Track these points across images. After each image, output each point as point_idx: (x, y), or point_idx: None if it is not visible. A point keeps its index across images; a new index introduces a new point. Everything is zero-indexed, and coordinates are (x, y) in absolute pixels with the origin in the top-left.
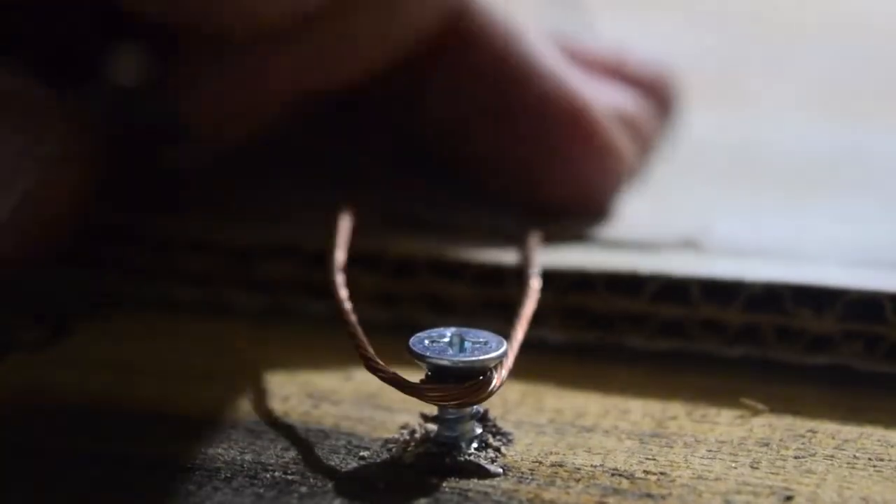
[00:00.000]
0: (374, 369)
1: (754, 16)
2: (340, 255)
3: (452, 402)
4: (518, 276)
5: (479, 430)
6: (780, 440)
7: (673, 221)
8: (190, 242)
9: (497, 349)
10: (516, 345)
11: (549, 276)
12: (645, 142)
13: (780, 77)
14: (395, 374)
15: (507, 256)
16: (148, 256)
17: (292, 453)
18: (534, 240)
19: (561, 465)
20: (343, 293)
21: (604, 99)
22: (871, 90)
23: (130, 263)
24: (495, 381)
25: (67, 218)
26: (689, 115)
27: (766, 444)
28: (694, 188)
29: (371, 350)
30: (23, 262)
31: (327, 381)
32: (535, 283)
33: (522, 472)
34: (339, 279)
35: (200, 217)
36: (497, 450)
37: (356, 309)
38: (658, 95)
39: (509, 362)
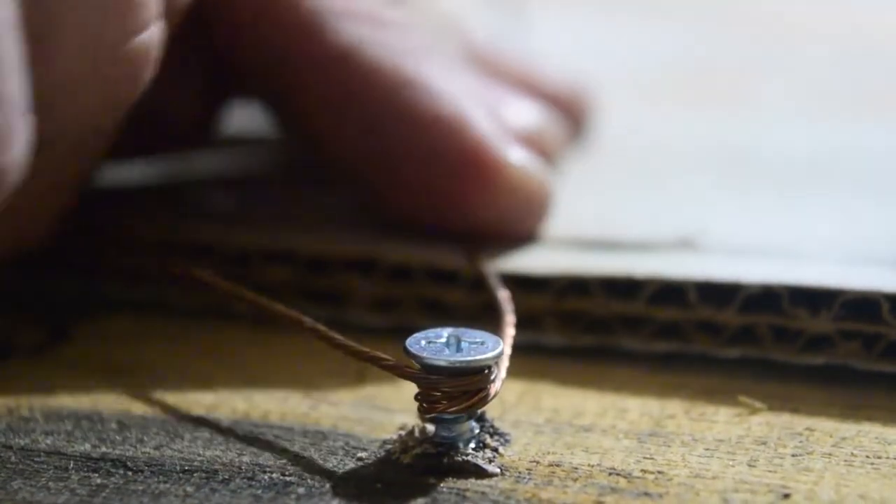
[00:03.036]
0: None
1: (752, 15)
2: None
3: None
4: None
5: (476, 431)
6: (778, 438)
7: (669, 222)
8: (188, 247)
9: (494, 349)
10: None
11: (546, 281)
12: (550, 157)
13: (777, 76)
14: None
15: (503, 257)
16: (146, 260)
17: (290, 454)
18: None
19: (558, 465)
20: None
21: (506, 115)
22: (868, 89)
23: (129, 267)
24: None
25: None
26: (685, 116)
27: (764, 443)
28: (690, 188)
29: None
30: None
31: (325, 382)
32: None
33: (520, 472)
34: None
35: (199, 222)
36: (495, 450)
37: (353, 314)
38: (570, 109)
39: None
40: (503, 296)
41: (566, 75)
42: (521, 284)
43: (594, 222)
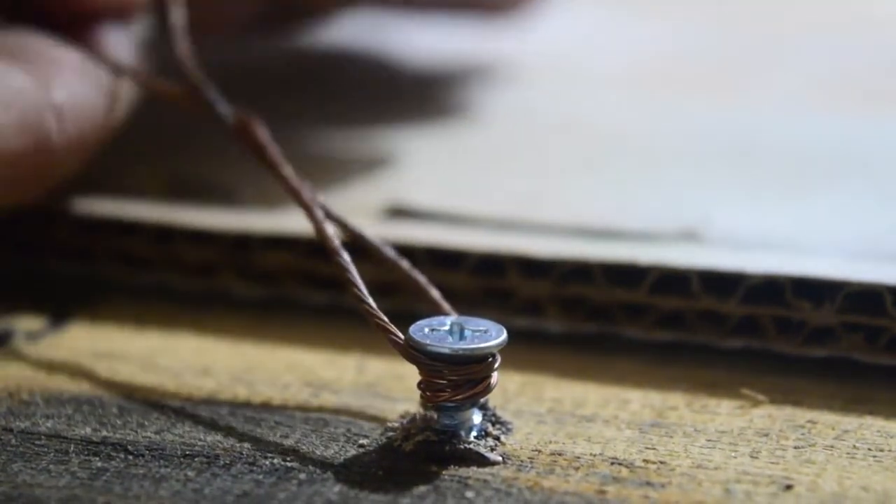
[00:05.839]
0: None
1: (756, 6)
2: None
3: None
4: (519, 265)
5: (478, 419)
6: (780, 430)
7: (673, 212)
8: (188, 232)
9: (497, 337)
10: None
11: (548, 265)
12: None
13: (782, 69)
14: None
15: (505, 243)
16: (147, 246)
17: (292, 441)
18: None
19: (560, 454)
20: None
21: None
22: (872, 82)
23: (129, 253)
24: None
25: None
26: (690, 106)
27: (766, 435)
28: (694, 179)
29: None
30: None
31: (327, 370)
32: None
33: (522, 461)
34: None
35: (199, 206)
36: (497, 438)
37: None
38: None
39: None
40: (418, 273)
41: None
42: (523, 268)
43: (597, 212)
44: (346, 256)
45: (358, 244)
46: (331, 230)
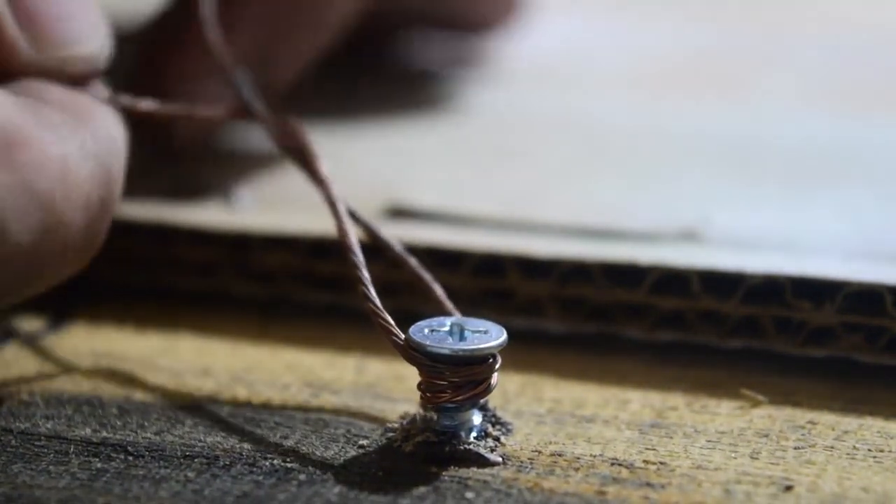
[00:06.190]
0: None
1: (757, 5)
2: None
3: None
4: (518, 265)
5: (478, 420)
6: (780, 431)
7: (673, 212)
8: (188, 232)
9: (497, 338)
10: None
11: (548, 265)
12: None
13: (781, 69)
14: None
15: (505, 243)
16: (148, 246)
17: (291, 441)
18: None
19: (560, 455)
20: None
21: None
22: (872, 83)
23: (130, 254)
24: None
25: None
26: (690, 107)
27: (766, 435)
28: (694, 179)
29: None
30: None
31: (327, 370)
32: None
33: (522, 462)
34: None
35: (200, 206)
36: (497, 439)
37: (354, 299)
38: None
39: None
40: (427, 275)
41: None
42: (523, 268)
43: (597, 212)
44: (359, 254)
45: (366, 242)
46: (349, 227)
